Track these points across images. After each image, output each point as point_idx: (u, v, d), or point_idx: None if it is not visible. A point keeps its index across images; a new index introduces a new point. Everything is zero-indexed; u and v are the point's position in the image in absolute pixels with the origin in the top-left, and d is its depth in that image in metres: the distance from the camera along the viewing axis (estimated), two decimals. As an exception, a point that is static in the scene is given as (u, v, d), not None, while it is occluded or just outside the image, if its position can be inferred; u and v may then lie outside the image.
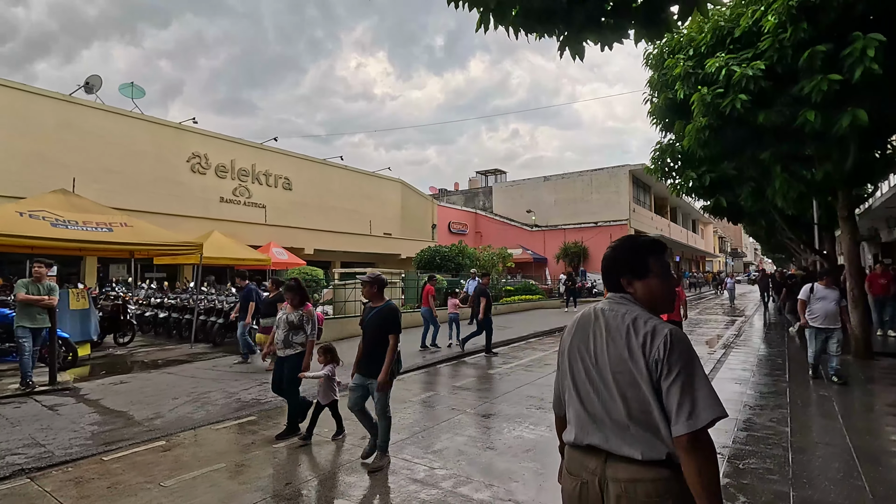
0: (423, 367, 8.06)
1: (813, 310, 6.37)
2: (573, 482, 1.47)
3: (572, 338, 1.57)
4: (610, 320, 1.47)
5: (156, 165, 19.52)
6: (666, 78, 8.66)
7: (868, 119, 6.48)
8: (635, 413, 1.36)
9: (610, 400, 1.41)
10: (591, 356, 1.48)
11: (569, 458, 1.53)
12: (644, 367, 1.34)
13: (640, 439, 1.35)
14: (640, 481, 1.33)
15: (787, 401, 5.45)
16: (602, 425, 1.42)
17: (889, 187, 14.17)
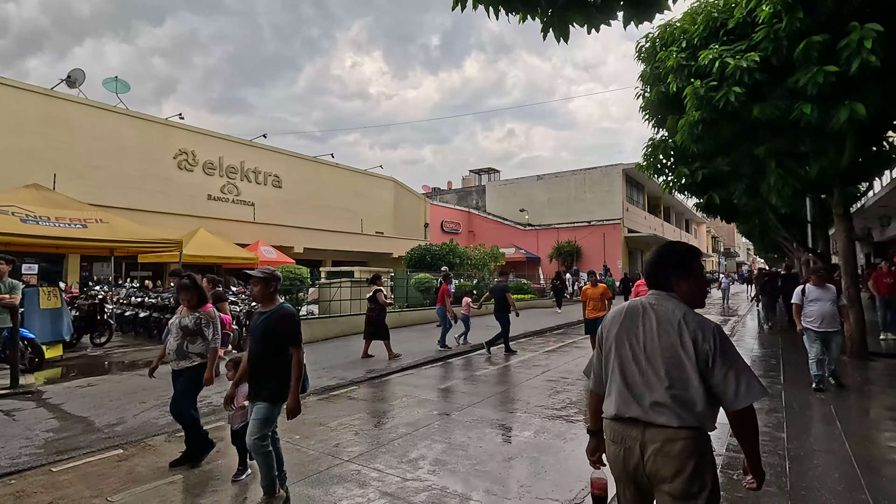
0: (407, 369, 7.79)
1: (808, 312, 5.88)
2: (617, 449, 1.77)
3: (619, 327, 1.84)
4: (661, 314, 1.77)
5: (142, 162, 19.12)
6: (658, 71, 8.43)
7: (866, 113, 6.29)
8: (676, 390, 1.67)
9: (655, 379, 1.70)
10: (639, 343, 1.77)
11: (611, 430, 1.80)
12: (693, 355, 1.67)
13: (675, 411, 1.65)
14: (674, 441, 1.64)
15: (783, 404, 5.22)
16: (642, 401, 1.72)
17: (882, 186, 14.07)
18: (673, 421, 1.65)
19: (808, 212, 13.56)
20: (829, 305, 5.76)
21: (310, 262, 22.42)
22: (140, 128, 19.24)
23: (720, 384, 1.65)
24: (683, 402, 1.66)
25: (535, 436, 4.53)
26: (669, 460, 1.65)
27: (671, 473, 1.65)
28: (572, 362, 8.28)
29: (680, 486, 1.64)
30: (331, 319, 10.73)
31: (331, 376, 7.06)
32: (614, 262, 30.31)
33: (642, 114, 9.50)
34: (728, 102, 6.98)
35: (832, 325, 5.76)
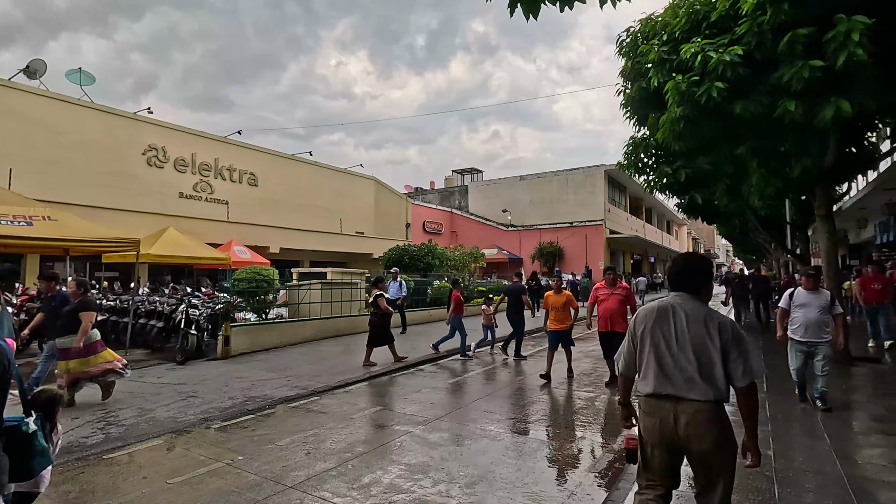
0: (377, 377, 7.35)
1: (792, 319, 5.24)
2: (653, 420, 2.18)
3: (652, 324, 2.26)
4: (689, 312, 2.21)
5: (108, 157, 18.31)
6: (639, 66, 8.15)
7: (852, 110, 6.07)
8: (705, 371, 2.11)
9: (686, 363, 2.14)
10: (672, 335, 2.20)
11: (647, 405, 2.22)
12: (718, 343, 2.12)
13: (703, 388, 2.09)
14: (701, 411, 2.08)
15: (768, 415, 4.93)
16: (675, 380, 2.15)
17: (858, 189, 14.08)
18: (699, 396, 2.10)
19: (787, 213, 13.54)
20: (817, 313, 5.07)
21: (287, 263, 21.81)
22: (106, 122, 18.43)
23: (732, 364, 2.12)
24: (710, 380, 2.12)
25: (504, 454, 4.15)
26: (699, 427, 2.08)
27: (700, 437, 2.08)
28: (550, 368, 7.92)
29: (708, 447, 2.08)
30: (300, 323, 10.22)
31: (292, 385, 6.58)
32: (596, 264, 30.22)
33: (623, 111, 9.21)
34: (710, 98, 6.68)
35: (817, 334, 5.06)
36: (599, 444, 4.48)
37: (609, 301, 6.44)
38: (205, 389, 6.35)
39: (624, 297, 6.47)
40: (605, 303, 6.47)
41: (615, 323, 6.36)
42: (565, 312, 7.19)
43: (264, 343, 9.28)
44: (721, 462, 2.09)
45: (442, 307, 15.21)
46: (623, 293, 6.50)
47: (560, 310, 7.18)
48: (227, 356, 8.48)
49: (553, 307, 7.22)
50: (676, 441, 2.12)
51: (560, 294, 7.26)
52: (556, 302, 7.22)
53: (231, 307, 8.92)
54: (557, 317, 7.18)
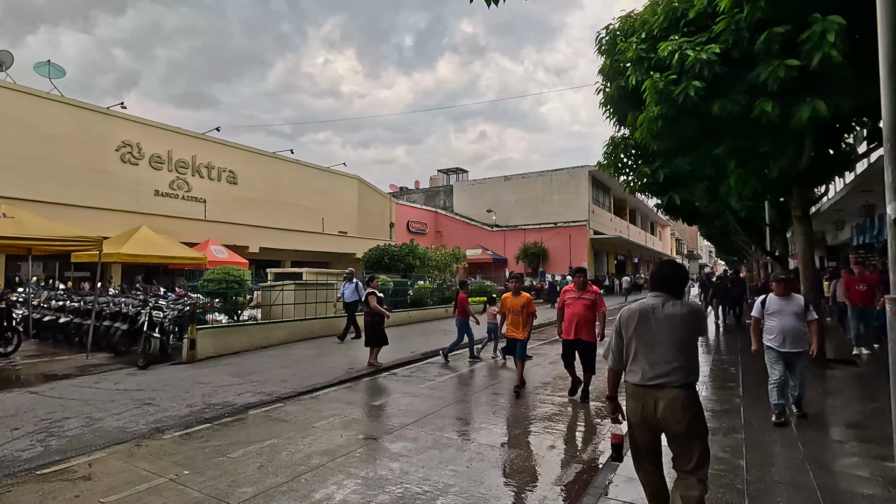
0: (346, 381, 7.10)
1: (768, 328, 4.87)
2: (637, 404, 2.54)
3: (636, 323, 2.60)
4: (668, 309, 2.59)
5: (79, 153, 17.76)
6: (618, 64, 8.03)
7: (827, 111, 6.00)
8: (683, 358, 2.51)
9: (669, 352, 2.51)
10: (655, 330, 2.57)
11: (634, 391, 2.57)
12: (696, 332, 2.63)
13: (682, 374, 2.49)
14: (679, 396, 2.45)
15: (742, 422, 4.81)
16: (658, 368, 2.51)
17: (836, 191, 14.20)
18: (679, 381, 2.45)
19: (766, 215, 13.59)
20: (793, 320, 4.71)
21: (267, 263, 21.41)
22: (78, 117, 17.87)
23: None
24: (689, 368, 2.50)
25: (468, 465, 3.95)
26: (675, 412, 2.42)
27: (676, 418, 2.42)
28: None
29: (682, 428, 2.42)
30: (272, 325, 9.90)
31: (256, 391, 6.31)
32: (579, 264, 30.26)
33: (603, 110, 9.09)
34: (688, 97, 6.58)
35: (797, 343, 4.71)
36: (566, 456, 4.31)
37: (575, 306, 5.78)
38: (163, 396, 6.05)
39: (592, 301, 5.79)
40: (571, 308, 5.81)
41: (581, 330, 5.70)
42: (523, 317, 6.33)
43: (234, 346, 8.97)
44: (694, 437, 2.44)
45: (423, 308, 15.01)
46: (591, 298, 5.81)
47: (517, 314, 6.33)
48: (193, 360, 8.16)
49: (511, 311, 6.38)
50: (655, 422, 2.49)
51: (519, 296, 6.40)
52: (513, 305, 6.37)
53: (196, 309, 8.57)
54: (514, 321, 6.35)
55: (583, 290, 5.86)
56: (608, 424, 4.90)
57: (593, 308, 5.79)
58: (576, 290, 5.89)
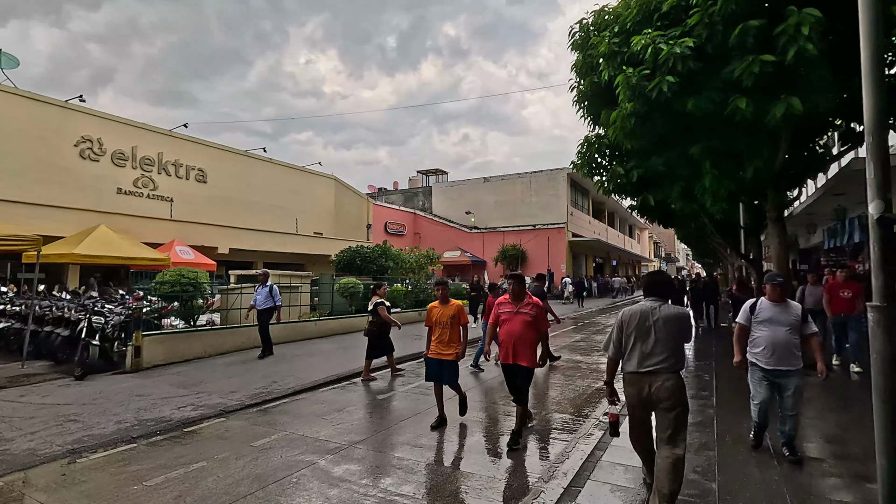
0: (300, 392, 6.62)
1: (755, 340, 4.04)
2: (634, 389, 3.13)
3: (637, 321, 3.17)
4: (664, 310, 3.14)
5: (33, 148, 16.81)
6: (591, 59, 7.75)
7: (802, 109, 5.79)
8: (672, 353, 3.06)
9: (663, 345, 3.06)
10: (653, 328, 3.10)
11: (631, 378, 3.16)
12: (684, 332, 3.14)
13: (671, 363, 3.05)
14: (669, 381, 3.02)
15: (714, 437, 4.50)
16: (652, 358, 3.07)
17: (808, 195, 14.26)
18: (669, 368, 3.06)
19: (741, 217, 13.54)
20: (786, 332, 3.89)
21: (237, 265, 20.67)
22: (32, 109, 16.91)
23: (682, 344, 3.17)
24: (676, 359, 3.09)
25: (415, 492, 3.54)
26: (664, 392, 3.03)
27: (665, 397, 3.02)
28: (485, 384, 7.38)
29: (668, 405, 3.02)
30: (229, 331, 9.32)
31: (199, 404, 5.79)
32: (558, 266, 30.17)
33: (577, 108, 8.81)
34: (661, 93, 6.34)
35: (787, 360, 3.86)
36: (520, 481, 3.94)
37: (512, 323, 4.45)
38: (92, 411, 5.49)
39: (533, 317, 4.42)
40: (507, 324, 4.50)
41: (519, 353, 4.38)
42: (453, 331, 5.03)
43: (185, 353, 8.38)
44: (677, 414, 2.99)
45: (396, 312, 14.51)
46: (532, 313, 4.43)
47: (445, 327, 5.02)
48: (139, 369, 7.57)
49: (437, 324, 5.07)
50: (649, 401, 3.08)
51: (448, 305, 5.11)
52: (440, 317, 5.06)
53: (143, 314, 7.96)
54: (442, 338, 5.01)
55: (520, 303, 4.51)
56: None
57: (534, 325, 4.44)
58: (511, 301, 4.56)
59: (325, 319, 11.59)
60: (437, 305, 5.19)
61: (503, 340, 4.52)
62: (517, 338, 4.42)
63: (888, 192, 3.04)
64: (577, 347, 10.52)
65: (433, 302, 5.28)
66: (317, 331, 11.02)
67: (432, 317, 5.15)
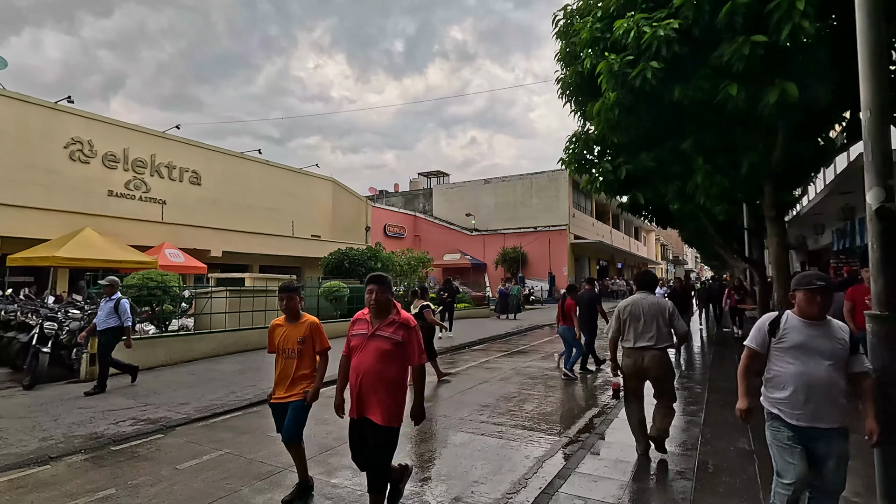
0: (256, 405, 6.16)
1: (778, 377, 2.63)
2: (631, 360, 4.10)
3: (630, 310, 4.14)
4: (651, 300, 4.15)
5: (20, 150, 16.62)
6: (575, 47, 7.26)
7: (798, 95, 5.25)
8: (659, 333, 4.03)
9: (651, 328, 4.04)
10: (643, 313, 4.09)
11: (628, 352, 4.11)
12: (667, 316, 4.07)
13: (660, 340, 4.03)
14: (658, 355, 4.03)
15: (695, 465, 3.97)
16: (644, 339, 4.04)
17: (815, 193, 13.62)
18: (658, 345, 4.02)
19: (744, 218, 12.93)
20: (828, 369, 2.49)
21: (232, 267, 20.35)
22: (19, 110, 16.72)
23: (674, 326, 4.08)
24: (662, 338, 4.03)
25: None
26: (654, 362, 4.01)
27: (654, 366, 4.02)
28: (453, 398, 6.89)
29: (658, 373, 4.05)
30: (197, 336, 8.90)
31: (140, 418, 5.36)
32: (560, 269, 29.58)
33: (563, 101, 8.30)
34: (645, 81, 5.80)
35: (829, 414, 2.49)
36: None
37: (364, 353, 2.92)
38: (21, 426, 5.07)
39: (397, 344, 2.90)
40: (357, 355, 2.96)
41: (369, 403, 2.87)
42: (303, 363, 3.48)
43: (148, 361, 7.96)
44: (665, 379, 4.10)
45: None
46: (397, 337, 2.90)
47: (292, 357, 3.48)
48: (94, 377, 7.14)
49: (281, 350, 3.52)
50: (642, 371, 4.06)
51: (297, 323, 3.53)
52: (285, 340, 3.51)
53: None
54: (286, 371, 3.48)
55: (381, 321, 2.94)
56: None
57: (400, 355, 2.92)
58: (372, 318, 2.99)
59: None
60: (281, 323, 3.58)
61: (350, 380, 2.94)
62: (370, 376, 2.85)
63: (889, 179, 2.53)
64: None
65: (278, 318, 3.65)
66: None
67: (274, 339, 3.56)
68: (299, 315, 3.58)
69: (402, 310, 3.07)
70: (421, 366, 3.01)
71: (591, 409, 5.68)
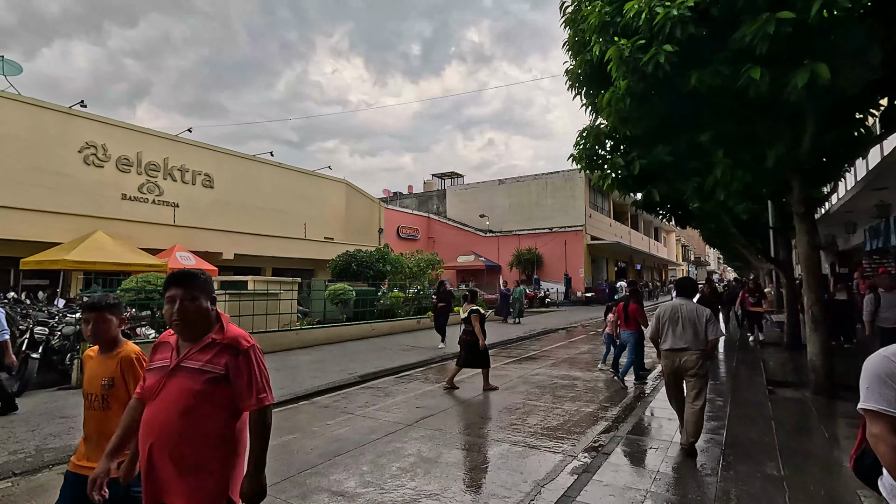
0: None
1: None
2: (669, 361, 4.49)
3: (669, 314, 4.52)
4: (690, 306, 4.54)
5: (34, 155, 16.77)
6: (583, 34, 6.82)
7: (830, 78, 4.73)
8: (695, 337, 4.38)
9: (689, 330, 4.40)
10: (681, 318, 4.45)
11: (666, 353, 4.51)
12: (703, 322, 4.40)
13: (696, 344, 4.38)
14: (693, 358, 4.37)
15: (713, 496, 3.50)
16: (680, 342, 4.42)
17: (846, 190, 12.82)
18: (694, 347, 4.36)
19: (769, 216, 12.24)
20: None
21: (244, 270, 20.30)
22: (34, 116, 16.88)
23: (708, 331, 4.36)
24: (697, 341, 4.36)
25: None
26: (690, 362, 4.36)
27: (690, 367, 4.37)
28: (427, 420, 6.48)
29: (694, 372, 4.36)
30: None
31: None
32: (576, 271, 28.91)
33: (573, 93, 7.84)
34: (658, 66, 5.35)
35: None
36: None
37: (163, 398, 1.79)
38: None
39: (217, 379, 1.78)
40: (154, 402, 1.80)
41: (167, 483, 1.72)
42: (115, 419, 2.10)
43: (142, 366, 7.75)
44: (700, 379, 4.39)
45: (392, 320, 13.70)
46: (218, 370, 1.79)
47: (95, 405, 2.32)
48: (85, 384, 6.96)
49: (84, 396, 2.38)
50: (679, 370, 4.46)
51: (110, 353, 2.37)
52: (90, 380, 2.35)
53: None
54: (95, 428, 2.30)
55: (194, 343, 1.84)
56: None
57: (224, 396, 1.80)
58: (177, 341, 1.90)
59: (309, 328, 10.87)
60: (92, 355, 2.44)
61: (140, 444, 1.81)
62: (168, 437, 1.75)
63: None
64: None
65: (89, 349, 2.50)
66: (298, 341, 10.30)
67: (85, 374, 2.42)
68: (115, 343, 2.39)
69: (232, 324, 1.94)
70: (262, 410, 1.81)
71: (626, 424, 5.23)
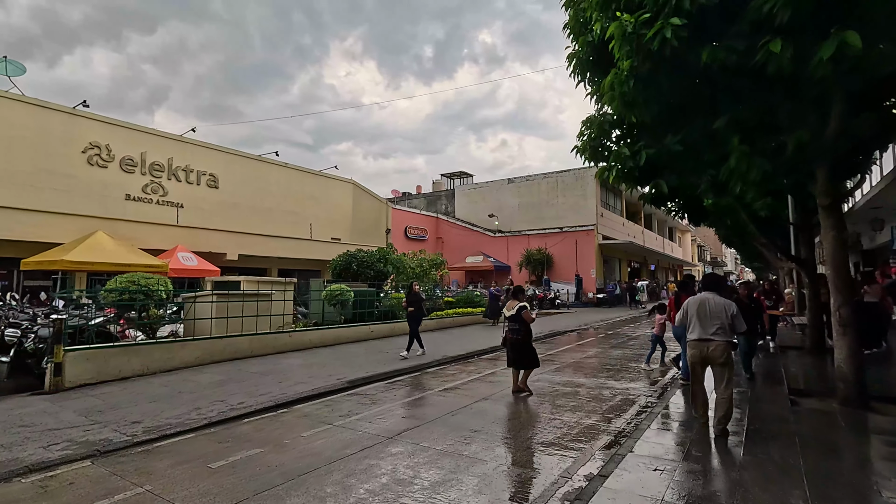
0: (216, 424, 5.45)
1: None
2: (696, 350, 4.91)
3: (698, 307, 4.95)
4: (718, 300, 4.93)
5: (39, 155, 16.74)
6: (584, 13, 6.30)
7: (861, 47, 4.16)
8: (721, 328, 4.79)
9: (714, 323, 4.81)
10: (707, 310, 4.89)
11: (693, 344, 4.94)
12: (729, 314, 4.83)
13: (722, 334, 4.79)
14: (721, 347, 4.79)
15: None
16: (707, 332, 4.83)
17: (871, 185, 12.04)
18: (720, 338, 4.75)
19: (789, 212, 11.54)
20: None
21: (249, 271, 20.07)
22: (38, 117, 16.85)
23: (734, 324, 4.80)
24: (724, 331, 4.76)
25: None
26: (717, 352, 4.75)
27: (718, 356, 4.75)
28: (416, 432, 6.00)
29: (721, 361, 4.76)
30: (177, 344, 8.28)
31: (75, 440, 4.72)
32: (587, 271, 28.20)
33: (574, 79, 7.31)
34: (665, 42, 4.82)
35: None
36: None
37: None
38: (-57, 448, 4.51)
39: None
40: None
41: None
42: None
43: (122, 370, 7.42)
44: (727, 368, 4.73)
45: (391, 322, 13.22)
46: None
47: None
48: (59, 389, 6.63)
49: None
50: (706, 358, 4.81)
51: None
52: None
53: (63, 326, 6.98)
54: None
55: None
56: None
57: None
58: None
59: (304, 331, 10.48)
60: None
61: None
62: None
63: None
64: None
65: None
66: (291, 343, 9.91)
67: None
68: None
69: None
70: None
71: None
